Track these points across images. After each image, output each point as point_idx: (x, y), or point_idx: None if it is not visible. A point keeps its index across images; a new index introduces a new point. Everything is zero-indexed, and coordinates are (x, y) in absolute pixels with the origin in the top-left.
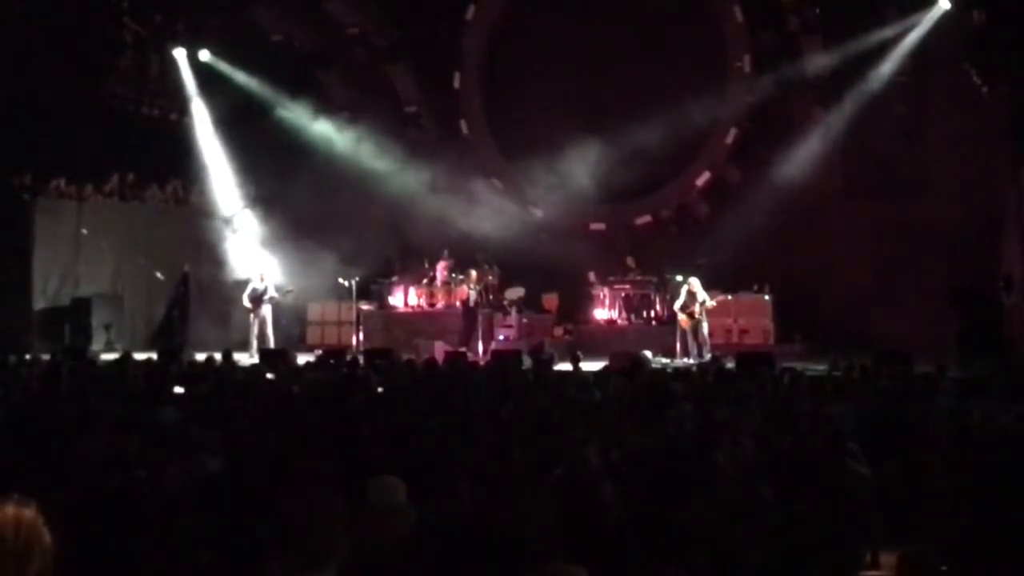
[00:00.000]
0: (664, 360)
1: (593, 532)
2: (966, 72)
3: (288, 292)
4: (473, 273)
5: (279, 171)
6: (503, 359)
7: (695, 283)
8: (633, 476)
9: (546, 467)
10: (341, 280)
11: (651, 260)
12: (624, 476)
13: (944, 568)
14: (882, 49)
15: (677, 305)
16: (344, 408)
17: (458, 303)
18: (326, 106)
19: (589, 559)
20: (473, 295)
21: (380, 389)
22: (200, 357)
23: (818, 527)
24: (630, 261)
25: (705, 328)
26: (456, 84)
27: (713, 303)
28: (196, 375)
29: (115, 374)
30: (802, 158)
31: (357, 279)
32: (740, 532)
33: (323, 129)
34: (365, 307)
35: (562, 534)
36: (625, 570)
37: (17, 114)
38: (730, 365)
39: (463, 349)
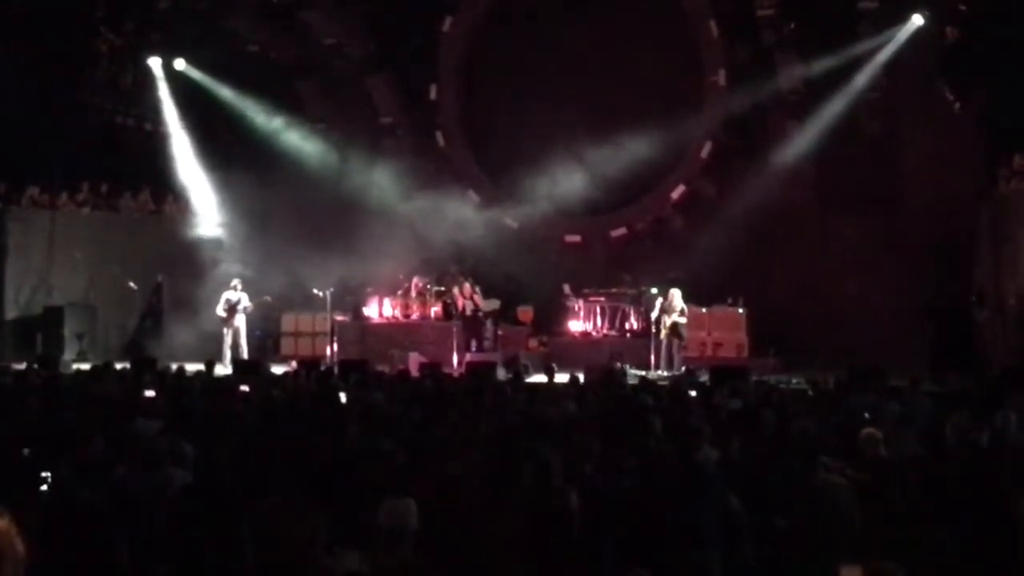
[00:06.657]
0: (639, 372)
1: (559, 542)
2: (939, 88)
3: (264, 299)
4: (467, 285)
5: (254, 181)
6: (478, 371)
7: (674, 295)
8: (607, 487)
9: (514, 478)
10: (316, 291)
11: (627, 273)
12: (597, 488)
13: None
14: (856, 64)
15: (653, 316)
16: (319, 420)
17: (458, 311)
18: (302, 117)
19: (556, 568)
20: (471, 306)
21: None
22: (173, 367)
23: (789, 539)
24: (627, 278)
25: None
26: (432, 96)
27: (684, 319)
28: (170, 386)
29: (90, 384)
30: (776, 172)
31: (332, 290)
32: (709, 540)
33: (299, 140)
34: (340, 318)
35: (528, 544)
36: None
37: None
38: (704, 378)
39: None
